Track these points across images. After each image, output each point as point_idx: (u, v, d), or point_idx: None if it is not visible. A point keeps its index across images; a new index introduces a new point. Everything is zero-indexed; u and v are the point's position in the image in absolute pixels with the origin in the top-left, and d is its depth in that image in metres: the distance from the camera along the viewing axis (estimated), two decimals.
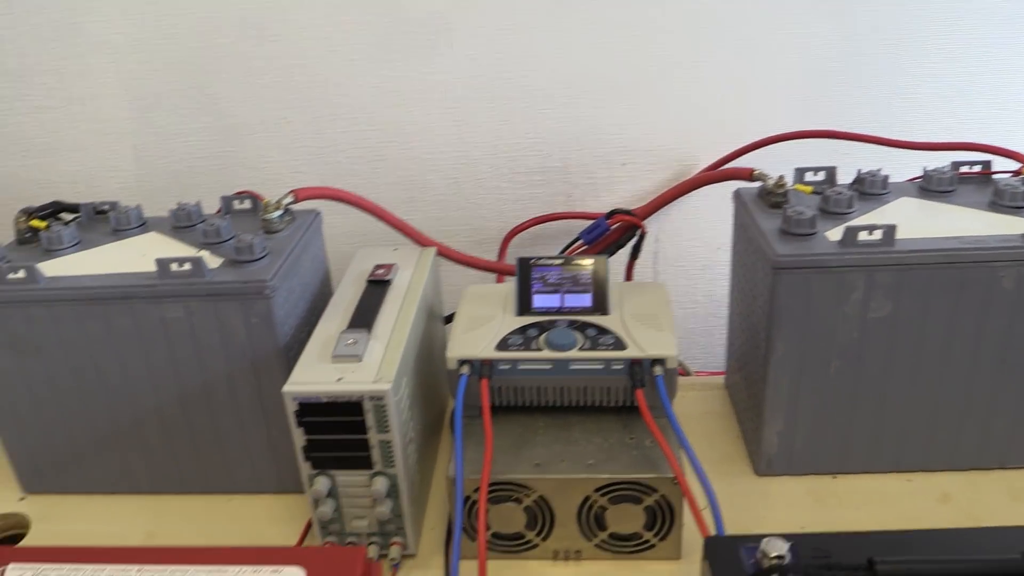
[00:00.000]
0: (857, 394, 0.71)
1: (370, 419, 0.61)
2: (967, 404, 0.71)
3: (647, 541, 0.66)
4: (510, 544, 0.66)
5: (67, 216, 0.80)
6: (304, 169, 0.96)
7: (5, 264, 0.69)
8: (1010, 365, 0.69)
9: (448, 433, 0.81)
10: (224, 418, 0.72)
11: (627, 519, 0.65)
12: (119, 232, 0.78)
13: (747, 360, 0.77)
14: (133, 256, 0.73)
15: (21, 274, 0.68)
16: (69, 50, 0.91)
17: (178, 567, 0.43)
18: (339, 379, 0.61)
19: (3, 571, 0.44)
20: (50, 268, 0.70)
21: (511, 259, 0.91)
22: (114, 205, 0.81)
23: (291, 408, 0.61)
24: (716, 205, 0.98)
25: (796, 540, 0.41)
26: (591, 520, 0.65)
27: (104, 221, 0.81)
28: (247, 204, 0.81)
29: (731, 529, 0.61)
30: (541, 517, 0.65)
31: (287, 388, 0.61)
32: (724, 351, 0.89)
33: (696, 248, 1.01)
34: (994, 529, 0.46)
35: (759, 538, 0.42)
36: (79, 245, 0.76)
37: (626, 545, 0.66)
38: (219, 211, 0.81)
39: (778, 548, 0.41)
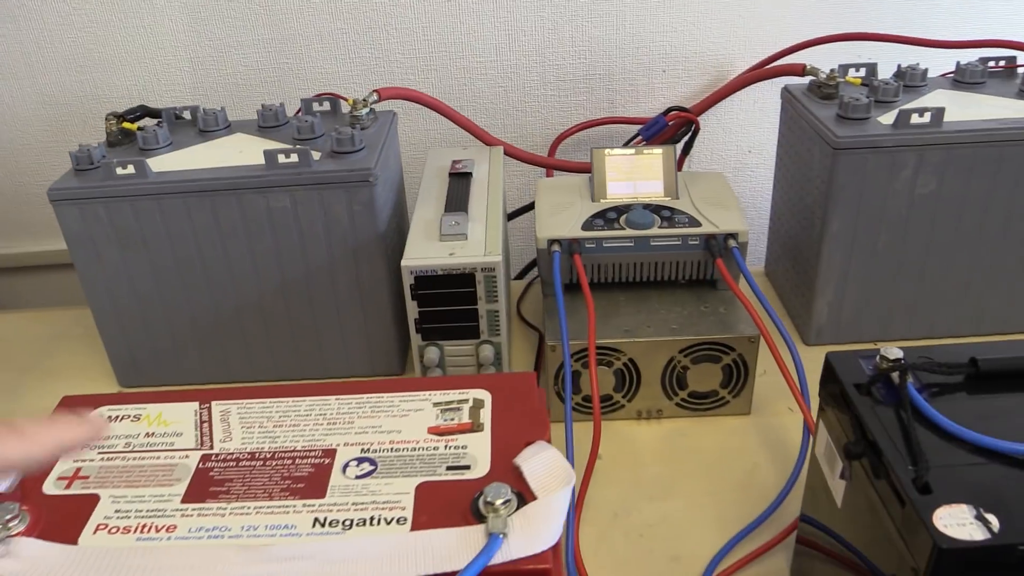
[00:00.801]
0: (901, 266, 0.78)
1: (480, 290, 0.67)
2: (996, 274, 0.79)
3: (722, 398, 0.73)
4: (600, 406, 0.73)
5: (152, 120, 0.83)
6: (358, 80, 1.00)
7: (112, 161, 0.72)
8: None
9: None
10: (322, 305, 0.77)
11: (705, 378, 0.72)
12: (206, 133, 0.82)
13: (797, 242, 0.84)
14: (228, 153, 0.77)
15: (130, 169, 0.72)
16: None
17: (372, 395, 0.48)
18: (451, 254, 0.67)
19: (209, 406, 0.49)
20: (152, 165, 0.74)
21: None
22: (195, 109, 0.85)
23: (408, 281, 0.67)
24: (746, 110, 1.04)
25: (904, 350, 0.48)
26: (673, 380, 0.72)
27: (187, 124, 0.84)
28: (326, 106, 0.84)
29: (788, 394, 0.69)
30: (628, 379, 0.72)
31: (405, 262, 0.66)
32: (762, 245, 0.96)
33: (728, 152, 1.07)
34: None
35: (870, 353, 0.49)
36: (172, 146, 0.79)
37: (703, 402, 0.73)
38: (298, 112, 0.84)
39: (895, 353, 0.48)
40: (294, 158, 0.71)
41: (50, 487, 0.44)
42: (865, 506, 0.46)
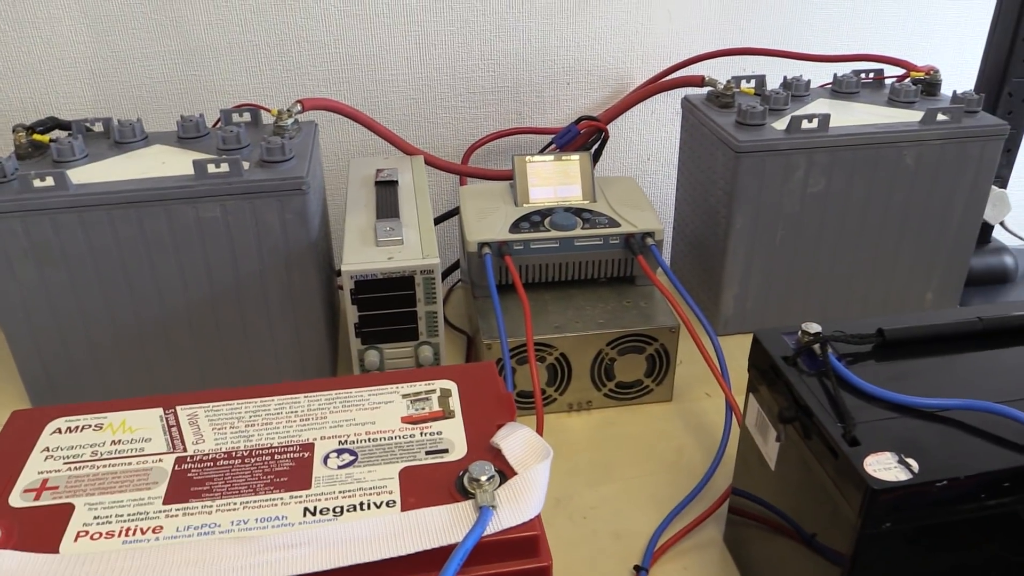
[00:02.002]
0: (796, 258, 0.86)
1: (420, 292, 0.69)
2: (878, 263, 0.88)
3: (647, 387, 0.78)
4: (531, 401, 0.77)
5: (62, 132, 0.81)
6: (269, 92, 1.00)
7: (29, 173, 0.70)
8: (908, 228, 0.86)
9: None
10: (253, 315, 0.77)
11: (631, 368, 0.77)
12: (122, 145, 0.80)
13: (703, 240, 0.90)
14: (150, 165, 0.76)
15: (49, 181, 0.70)
16: None
17: (341, 391, 0.50)
18: (390, 258, 0.69)
19: (174, 411, 0.49)
20: (71, 178, 0.72)
21: None
22: (107, 120, 0.83)
23: (347, 287, 0.68)
24: (644, 120, 1.11)
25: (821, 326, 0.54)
26: (602, 372, 0.76)
27: (99, 137, 0.82)
28: (246, 117, 0.84)
29: (709, 380, 0.74)
30: (560, 373, 0.76)
31: (345, 267, 0.68)
32: (666, 245, 1.03)
33: (629, 159, 1.14)
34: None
35: (791, 330, 0.55)
36: (88, 158, 0.77)
37: (629, 392, 0.78)
38: (217, 123, 0.84)
39: (814, 327, 0.53)
40: (224, 168, 0.71)
41: (16, 500, 0.43)
42: (798, 465, 0.51)
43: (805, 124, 0.80)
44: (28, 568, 0.39)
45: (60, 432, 0.48)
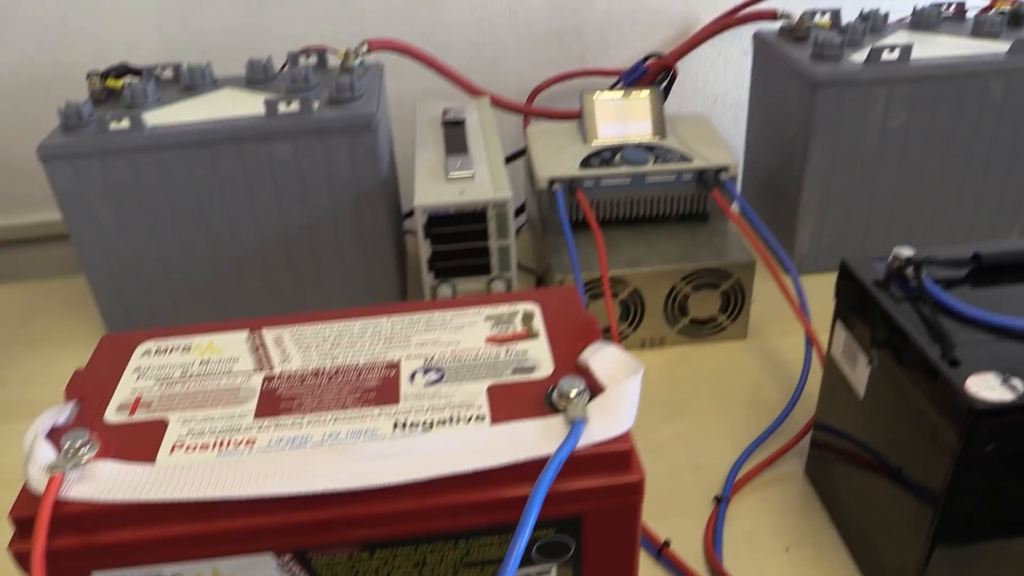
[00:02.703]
0: (874, 195, 0.83)
1: (492, 226, 0.69)
2: (960, 199, 0.84)
3: (721, 324, 0.76)
4: (606, 337, 0.76)
5: (134, 78, 0.82)
6: (331, 37, 0.99)
7: (106, 115, 0.71)
8: (994, 163, 0.83)
9: None
10: (324, 253, 0.77)
11: (705, 304, 0.75)
12: (192, 89, 0.81)
13: (776, 179, 0.88)
14: (221, 107, 0.76)
15: (125, 123, 0.71)
16: None
17: (423, 313, 0.50)
18: (462, 192, 0.68)
19: (259, 332, 0.50)
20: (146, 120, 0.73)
21: None
22: (177, 66, 0.83)
23: (421, 221, 0.68)
24: (711, 62, 1.08)
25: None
26: (675, 308, 0.75)
27: (168, 83, 0.83)
28: (313, 59, 0.84)
29: (784, 318, 0.72)
30: (633, 310, 0.75)
31: (419, 202, 0.68)
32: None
33: (695, 103, 1.11)
34: None
35: (881, 257, 0.53)
36: (160, 101, 0.78)
37: (703, 329, 0.77)
38: (283, 67, 0.84)
39: (907, 251, 0.51)
40: (295, 107, 0.71)
41: (112, 416, 0.44)
42: (890, 391, 0.49)
43: (885, 55, 0.77)
44: (128, 476, 0.40)
45: (150, 354, 0.49)
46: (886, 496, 0.51)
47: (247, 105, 0.75)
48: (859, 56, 0.79)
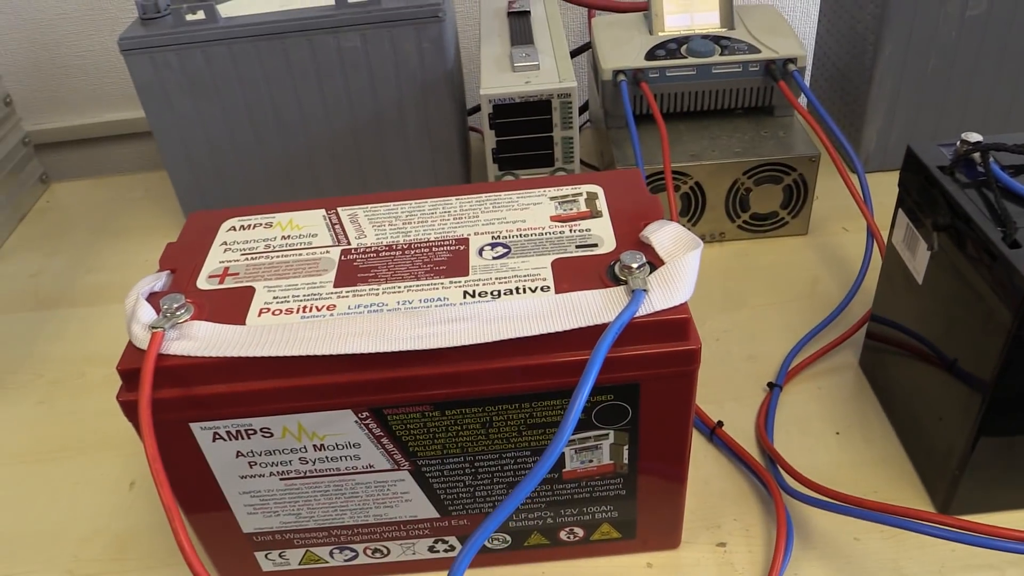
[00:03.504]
0: (949, 89, 0.81)
1: (556, 116, 0.69)
2: None
3: (782, 219, 0.77)
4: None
5: None
6: None
7: (182, 6, 0.73)
8: None
9: None
10: (392, 144, 0.79)
11: (767, 199, 0.75)
12: None
13: (846, 72, 0.86)
14: (290, 0, 0.78)
15: (200, 15, 0.73)
16: None
17: (490, 194, 0.52)
18: (527, 82, 0.69)
19: (336, 211, 0.52)
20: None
21: None
22: None
23: (487, 111, 0.69)
24: None
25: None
26: (736, 202, 0.75)
27: None
28: None
29: (847, 216, 0.72)
30: (694, 202, 0.75)
31: (484, 91, 0.69)
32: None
33: None
34: None
35: (947, 143, 0.53)
36: None
37: (764, 224, 0.77)
38: None
39: (975, 136, 0.51)
40: None
41: (203, 283, 0.47)
42: (950, 276, 0.50)
43: None
44: (222, 336, 0.43)
45: (235, 229, 0.52)
46: (936, 384, 0.52)
47: None
48: None
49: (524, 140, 0.71)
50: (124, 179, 1.02)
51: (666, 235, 0.45)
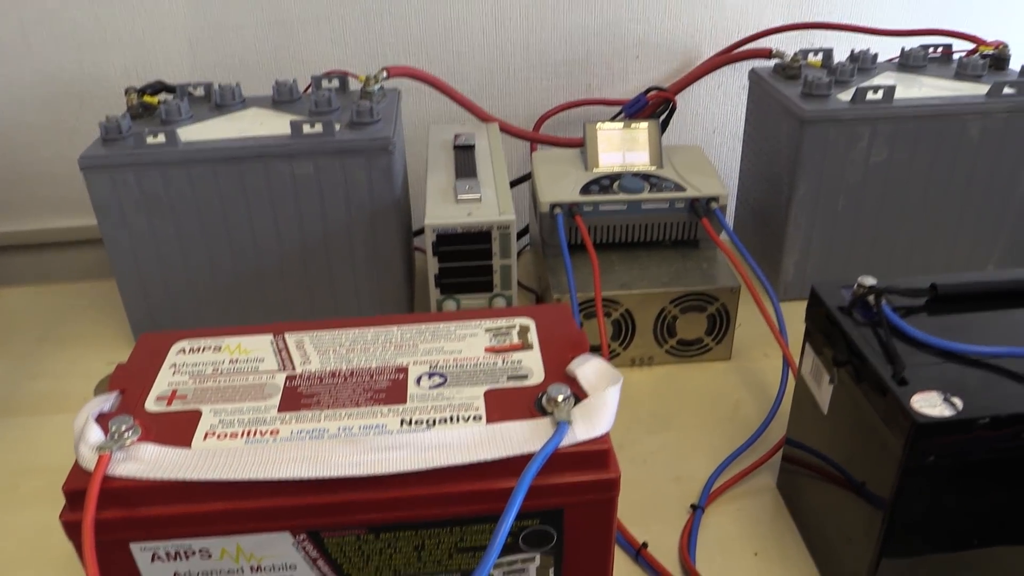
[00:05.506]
0: (857, 226, 0.88)
1: (496, 246, 0.74)
2: (938, 231, 0.90)
3: (707, 345, 0.82)
4: (598, 354, 0.81)
5: (168, 95, 0.88)
6: (354, 62, 1.06)
7: (143, 130, 0.77)
8: (971, 199, 0.88)
9: None
10: (340, 266, 0.83)
11: (693, 326, 0.80)
12: (222, 108, 0.87)
13: (765, 208, 0.93)
14: (249, 125, 0.82)
15: (161, 138, 0.77)
16: None
17: (430, 324, 0.55)
18: (469, 214, 0.74)
19: (283, 336, 0.55)
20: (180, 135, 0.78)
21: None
22: (208, 85, 0.89)
23: (430, 240, 0.74)
24: (711, 94, 1.14)
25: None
26: (664, 329, 0.80)
27: (200, 101, 0.89)
28: (335, 83, 0.90)
29: (767, 342, 0.78)
30: (625, 329, 0.80)
31: (429, 221, 0.73)
32: (729, 214, 1.06)
33: (695, 132, 1.17)
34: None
35: (848, 284, 0.58)
36: (192, 118, 0.84)
37: (690, 349, 0.82)
38: (308, 89, 0.90)
39: (870, 280, 0.57)
40: (318, 128, 0.77)
41: (152, 406, 0.50)
42: (849, 408, 0.55)
43: (870, 95, 0.83)
44: (167, 458, 0.45)
45: (184, 352, 0.54)
46: (844, 506, 0.56)
47: (273, 125, 0.81)
48: (846, 95, 0.85)
49: (465, 267, 0.75)
50: (71, 287, 1.03)
51: (590, 369, 0.49)
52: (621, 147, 0.87)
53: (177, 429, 0.47)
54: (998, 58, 0.93)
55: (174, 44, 1.04)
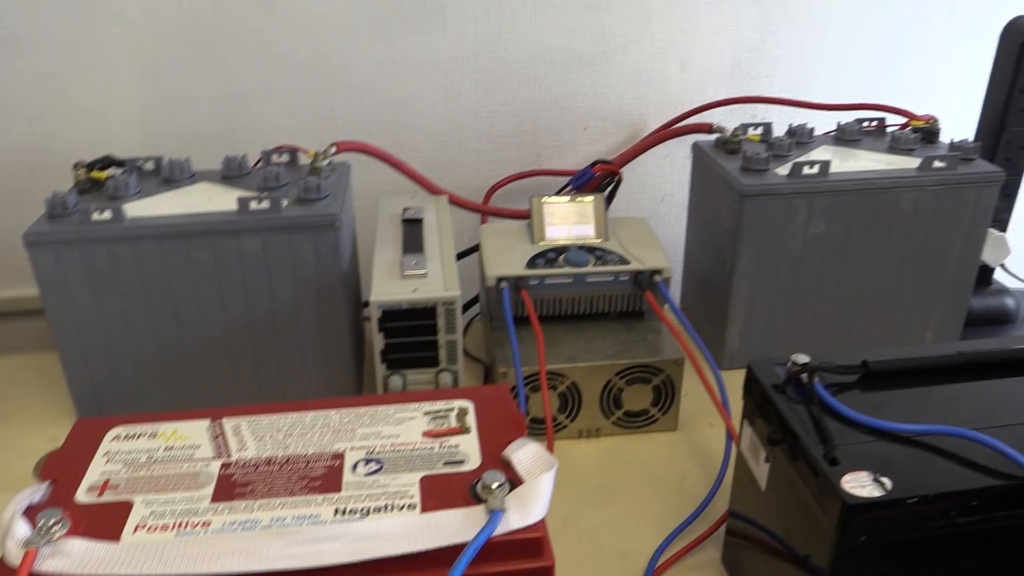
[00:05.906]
0: (798, 295, 0.91)
1: (441, 321, 0.75)
2: (877, 300, 0.92)
3: (653, 416, 0.83)
4: (543, 427, 0.81)
5: (117, 169, 0.88)
6: (307, 134, 1.07)
7: (89, 207, 0.77)
8: (907, 270, 0.91)
9: None
10: (286, 341, 0.83)
11: (638, 398, 0.81)
12: (171, 182, 0.87)
13: (710, 278, 0.95)
14: (197, 200, 0.83)
15: (107, 215, 0.77)
16: (83, 19, 0.98)
17: (368, 407, 0.55)
18: (414, 290, 0.75)
19: (220, 422, 0.55)
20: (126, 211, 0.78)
21: None
22: (158, 159, 0.90)
23: (375, 316, 0.74)
24: (658, 164, 1.17)
25: (810, 355, 0.59)
26: (610, 401, 0.81)
27: (149, 174, 0.89)
28: (285, 157, 0.91)
29: (712, 412, 0.79)
30: (571, 401, 0.80)
31: (374, 298, 0.74)
32: (676, 283, 1.08)
33: (643, 202, 1.19)
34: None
35: (783, 361, 0.60)
36: (140, 193, 0.84)
37: (636, 420, 0.83)
38: (257, 163, 0.91)
39: (803, 359, 0.58)
40: (265, 204, 0.77)
41: (83, 496, 0.49)
42: (785, 485, 0.56)
43: (806, 170, 0.86)
44: (95, 554, 0.44)
45: (119, 439, 0.53)
46: None
47: (221, 200, 0.81)
48: (784, 169, 0.88)
49: (411, 343, 0.75)
50: (14, 359, 1.02)
51: (525, 455, 0.49)
52: (567, 220, 0.88)
53: (107, 522, 0.47)
54: (929, 132, 0.97)
55: (127, 116, 1.04)
